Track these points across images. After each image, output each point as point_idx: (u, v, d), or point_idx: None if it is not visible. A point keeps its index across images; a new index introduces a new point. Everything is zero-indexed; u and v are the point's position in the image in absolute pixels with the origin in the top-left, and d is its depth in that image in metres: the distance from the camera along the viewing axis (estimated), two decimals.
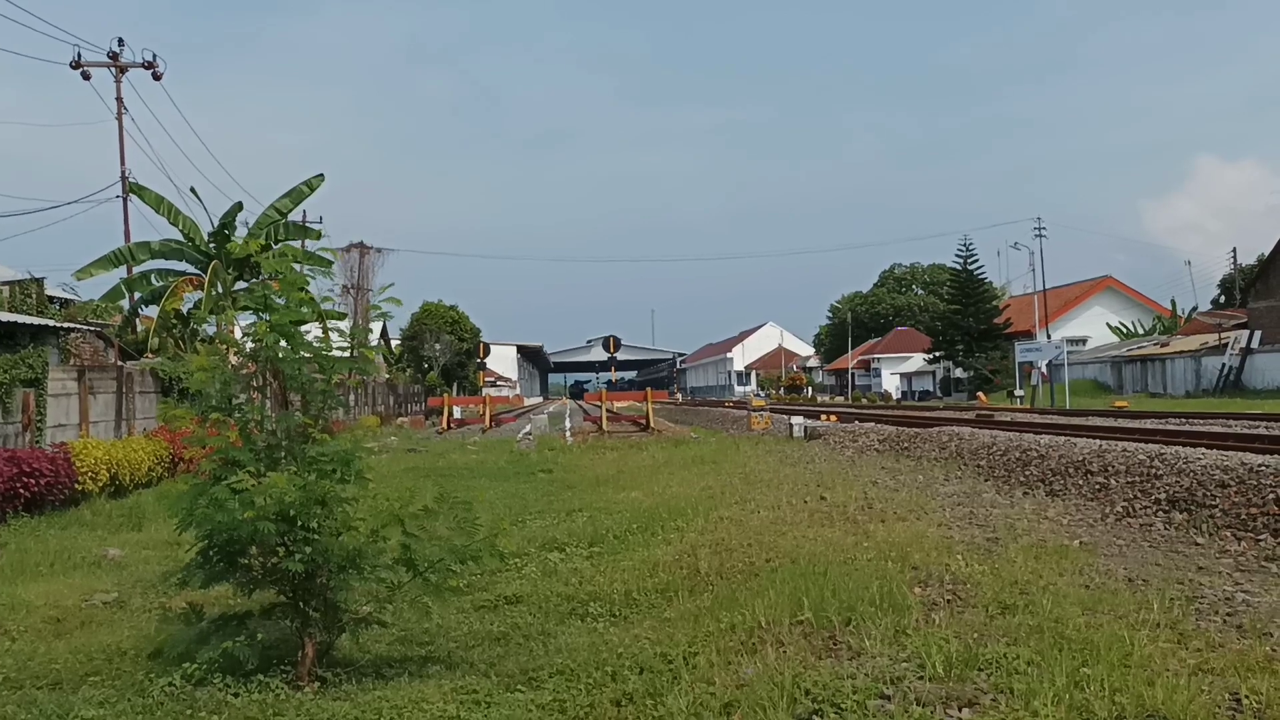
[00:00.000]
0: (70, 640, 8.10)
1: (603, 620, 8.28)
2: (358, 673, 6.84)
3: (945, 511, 12.08)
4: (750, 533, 10.89)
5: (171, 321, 28.68)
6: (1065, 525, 11.09)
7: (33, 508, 14.70)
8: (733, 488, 15.61)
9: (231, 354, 7.84)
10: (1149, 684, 5.05)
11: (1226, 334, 55.38)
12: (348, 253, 59.13)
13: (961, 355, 72.43)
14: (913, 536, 9.94)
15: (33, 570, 11.18)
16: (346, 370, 7.64)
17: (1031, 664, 5.51)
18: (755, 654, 6.38)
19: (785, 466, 19.07)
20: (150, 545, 12.69)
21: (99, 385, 20.27)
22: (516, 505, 15.56)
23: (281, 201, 32.18)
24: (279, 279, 7.28)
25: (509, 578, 10.13)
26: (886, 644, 6.16)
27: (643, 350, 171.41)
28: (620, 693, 6.07)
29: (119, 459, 17.46)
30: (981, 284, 73.95)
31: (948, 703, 5.01)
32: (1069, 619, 6.42)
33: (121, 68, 34.56)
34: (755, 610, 7.23)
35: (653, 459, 22.94)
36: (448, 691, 6.21)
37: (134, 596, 9.82)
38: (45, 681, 6.92)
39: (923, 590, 7.65)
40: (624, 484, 17.91)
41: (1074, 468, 14.21)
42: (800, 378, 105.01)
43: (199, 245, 30.47)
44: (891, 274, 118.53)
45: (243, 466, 6.65)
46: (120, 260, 30.69)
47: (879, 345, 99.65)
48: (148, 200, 31.24)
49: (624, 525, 12.62)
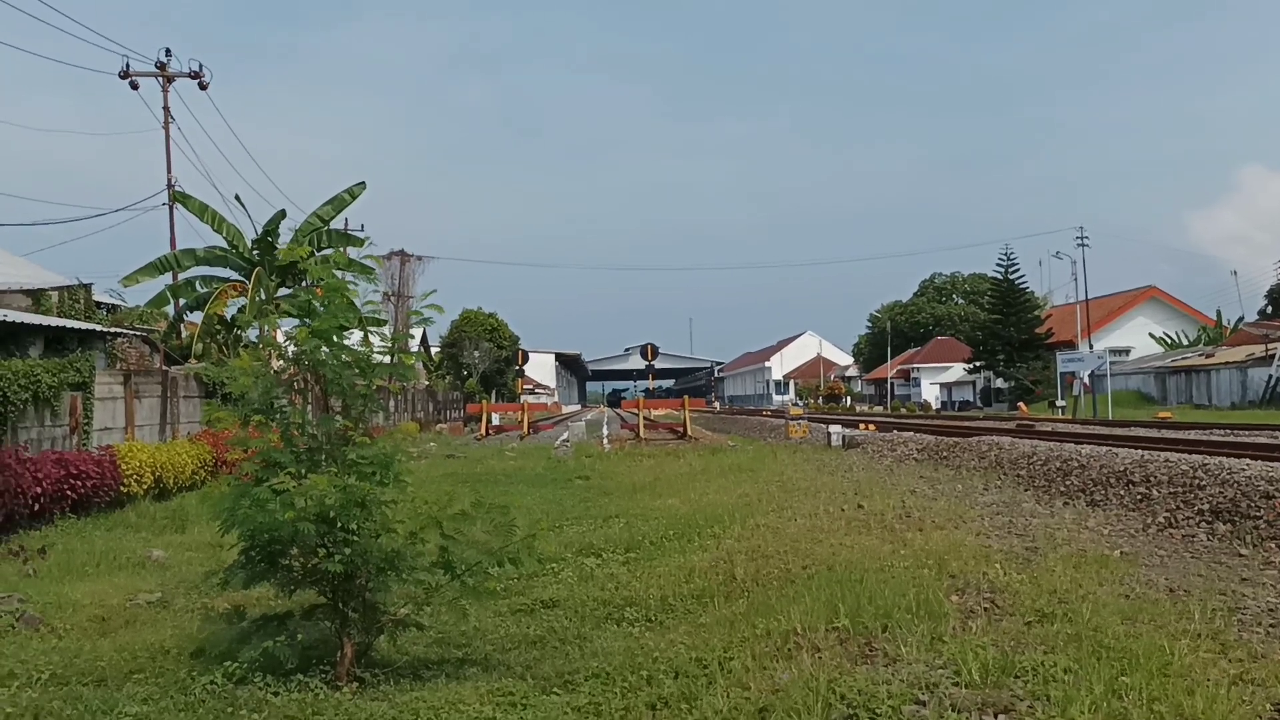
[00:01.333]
0: (115, 639, 8.24)
1: (639, 625, 8.31)
2: (395, 674, 6.91)
3: (984, 520, 11.99)
4: (787, 540, 10.87)
5: (216, 327, 29.08)
6: (1106, 535, 10.98)
7: (79, 509, 14.97)
8: (770, 495, 15.58)
9: (274, 358, 7.96)
10: (1189, 693, 5.01)
11: (1273, 345, 54.47)
12: (389, 260, 59.74)
13: (1002, 365, 71.82)
14: (951, 545, 9.88)
15: (79, 570, 11.38)
16: (386, 375, 7.73)
17: (1069, 672, 5.47)
18: (790, 659, 6.39)
19: (823, 475, 18.99)
20: (193, 547, 12.88)
21: (144, 389, 20.59)
22: (554, 511, 15.62)
23: (324, 209, 32.53)
24: (321, 285, 7.39)
25: (546, 582, 10.19)
26: (923, 650, 6.15)
27: (681, 359, 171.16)
28: (655, 696, 6.10)
29: (163, 462, 17.72)
30: (1023, 293, 73.34)
31: (983, 709, 4.99)
32: (1108, 628, 6.37)
33: (169, 77, 35.10)
34: (791, 616, 7.23)
35: (690, 466, 22.93)
36: (484, 693, 6.26)
37: (177, 597, 9.97)
38: (90, 678, 7.04)
39: (960, 598, 7.61)
40: (661, 491, 17.93)
41: (1115, 478, 14.06)
42: (839, 387, 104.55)
43: (243, 252, 30.87)
44: (931, 283, 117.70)
45: (284, 468, 6.75)
46: (166, 267, 31.16)
47: (918, 355, 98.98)
48: (192, 208, 31.71)
49: (660, 531, 12.64)
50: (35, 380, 15.14)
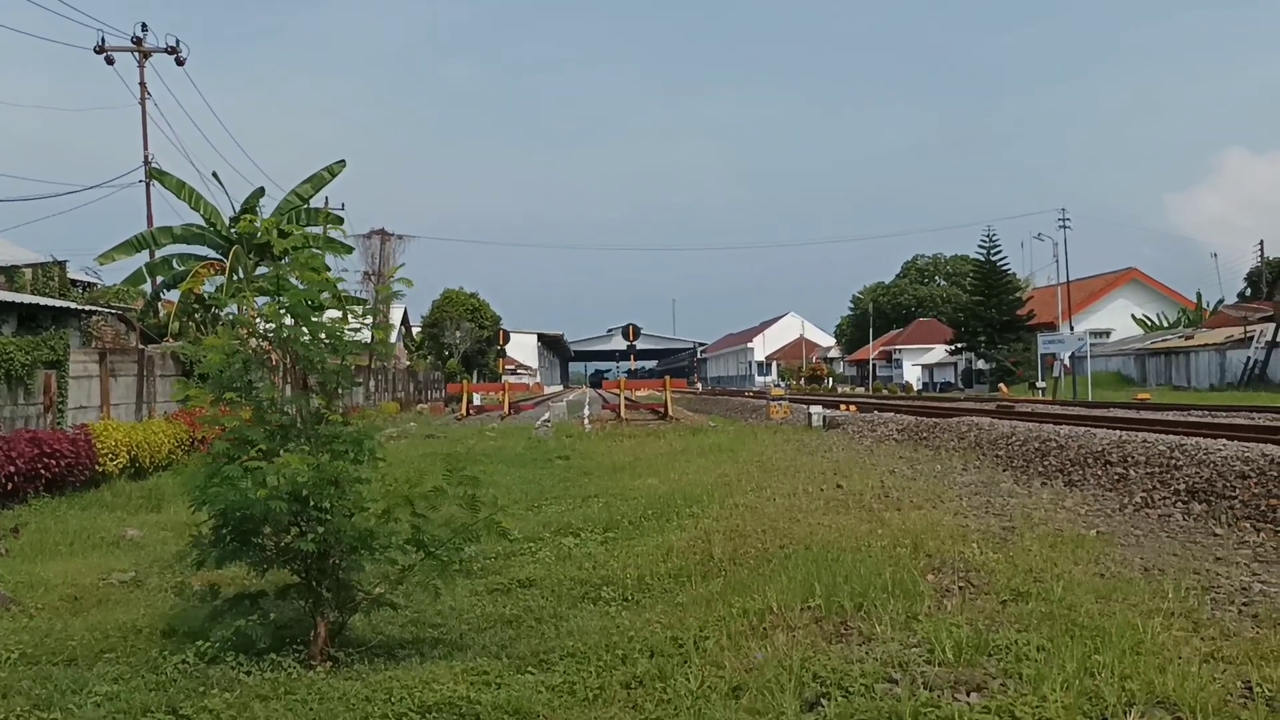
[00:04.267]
0: (87, 618, 8.16)
1: (615, 604, 8.29)
2: (370, 653, 6.87)
3: (962, 500, 12.02)
4: (765, 519, 10.87)
5: (193, 306, 28.85)
6: (1083, 515, 11.02)
7: (54, 488, 14.85)
8: (749, 475, 15.58)
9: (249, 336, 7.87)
10: (1160, 671, 5.02)
11: (1252, 327, 54.89)
12: (368, 239, 59.38)
13: (983, 347, 72.15)
14: (928, 525, 9.89)
15: (52, 549, 11.29)
16: (362, 352, 7.67)
17: (1042, 650, 5.47)
18: (766, 638, 6.38)
19: (802, 455, 19.01)
20: (168, 526, 12.78)
21: (120, 368, 20.42)
22: (533, 491, 15.59)
23: (303, 187, 32.29)
24: (294, 261, 7.31)
25: (523, 562, 10.16)
26: (897, 629, 6.15)
27: (663, 340, 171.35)
28: (630, 675, 6.08)
29: (139, 441, 17.59)
30: (1004, 275, 73.60)
31: (956, 687, 4.99)
32: (1082, 606, 6.38)
33: (145, 53, 34.74)
34: (767, 595, 7.22)
35: (670, 446, 22.93)
36: (459, 673, 6.22)
37: (151, 576, 9.90)
38: (61, 658, 6.98)
39: (936, 577, 7.62)
40: (640, 471, 17.91)
41: (1093, 458, 14.12)
42: (821, 368, 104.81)
43: (220, 230, 30.62)
44: (914, 265, 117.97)
45: (255, 446, 6.69)
46: (142, 245, 30.88)
47: (900, 336, 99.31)
48: (169, 185, 31.41)
49: (639, 511, 12.62)
50: (8, 358, 15.00)
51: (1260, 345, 52.22)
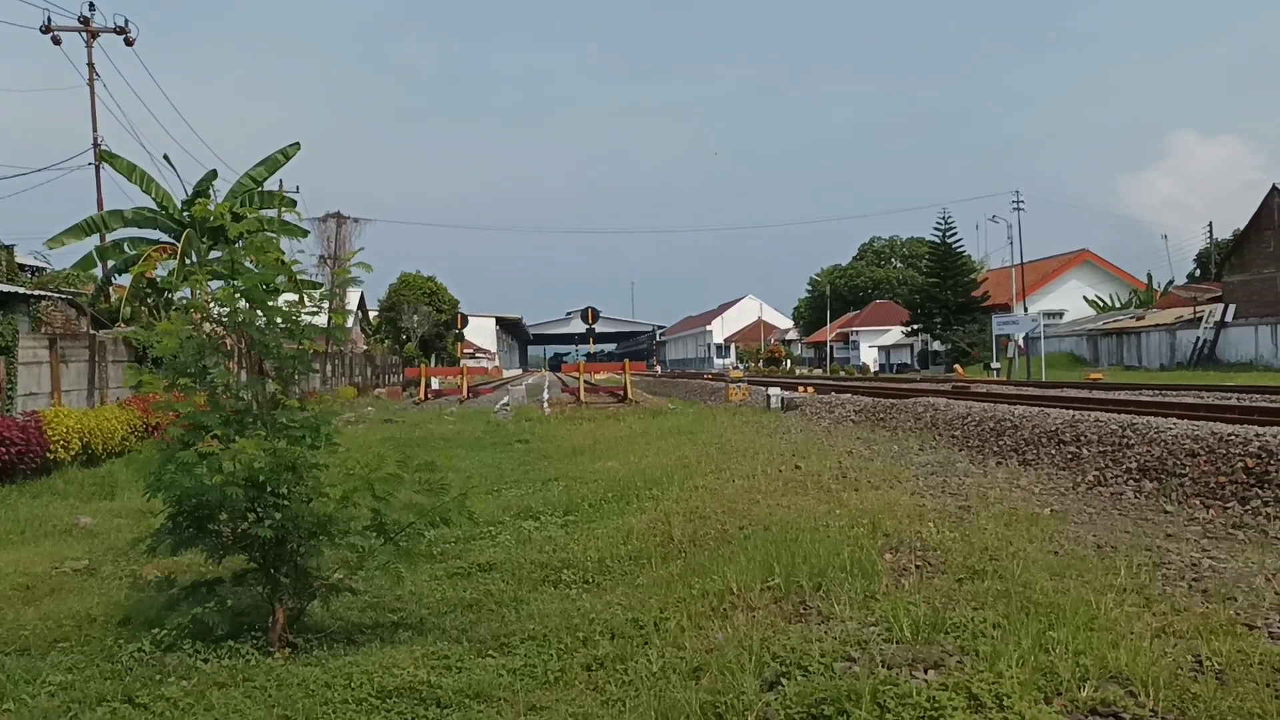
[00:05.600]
0: (39, 607, 8.05)
1: (575, 587, 8.29)
2: (329, 639, 6.84)
3: (919, 480, 12.14)
4: (724, 501, 10.92)
5: (145, 290, 28.44)
6: (1037, 494, 11.17)
7: (3, 476, 14.62)
8: (709, 457, 15.64)
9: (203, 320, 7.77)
10: (1113, 646, 5.10)
11: (1201, 307, 55.82)
12: (324, 223, 58.70)
13: (939, 328, 72.76)
14: (885, 505, 9.99)
15: (3, 538, 11.14)
16: (318, 336, 7.59)
17: (998, 627, 5.55)
18: (726, 619, 6.42)
19: (761, 437, 19.12)
20: (122, 513, 12.63)
21: (71, 354, 20.10)
22: (492, 475, 15.55)
23: (257, 170, 31.90)
24: (249, 245, 7.22)
25: (483, 546, 10.14)
26: (855, 609, 6.20)
27: (622, 323, 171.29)
28: (591, 657, 6.10)
29: (91, 428, 17.34)
30: (960, 257, 74.18)
31: (913, 664, 5.04)
32: (1037, 584, 6.47)
33: (93, 32, 34.10)
34: (727, 576, 7.27)
35: (630, 429, 22.95)
36: (419, 657, 6.21)
37: (105, 564, 9.78)
38: (13, 648, 6.88)
39: (893, 556, 7.70)
40: (600, 454, 17.92)
41: (1047, 437, 14.30)
42: (779, 350, 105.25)
43: (172, 213, 30.19)
44: (871, 247, 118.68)
45: (210, 432, 6.61)
46: (93, 229, 30.38)
47: (858, 318, 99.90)
48: (120, 168, 30.89)
49: (599, 494, 12.63)
50: None
51: (1209, 325, 53.12)
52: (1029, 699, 4.53)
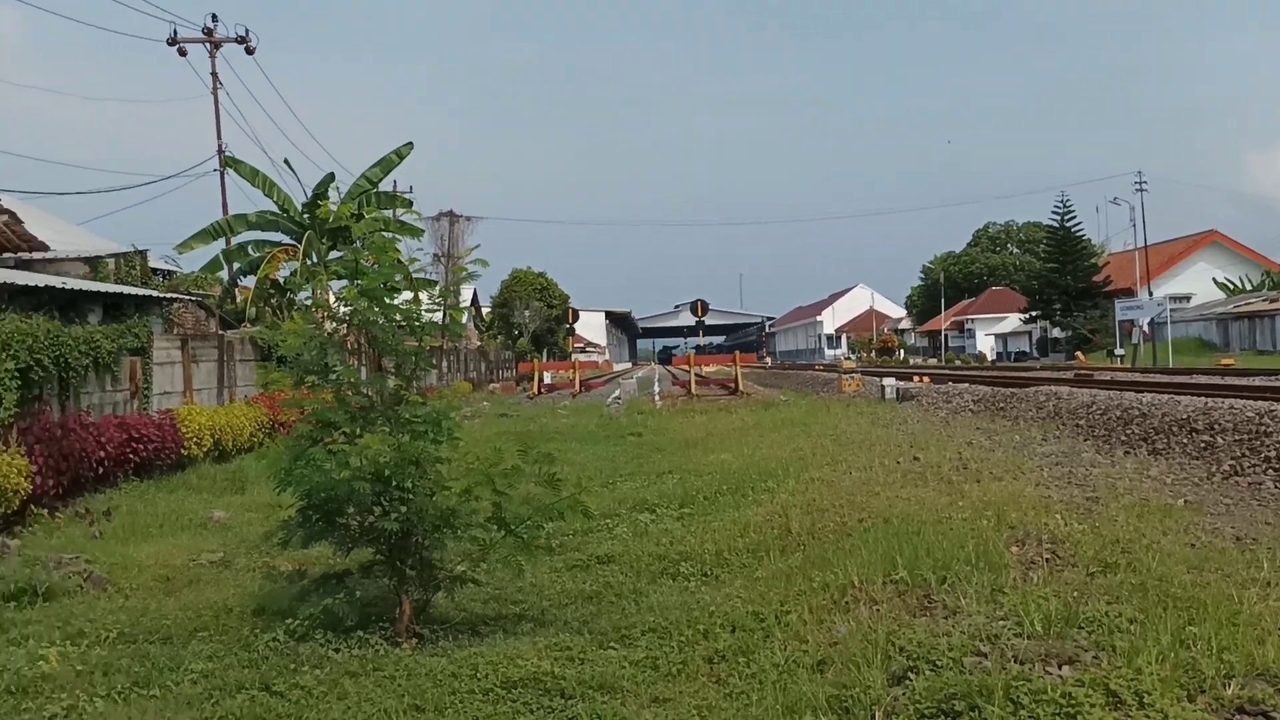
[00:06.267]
0: (179, 598, 8.38)
1: (694, 579, 8.29)
2: (454, 630, 6.97)
3: (1043, 471, 11.81)
4: (842, 493, 10.79)
5: (269, 291, 29.35)
6: (1169, 484, 10.77)
7: (142, 472, 15.24)
8: (823, 449, 15.48)
9: (326, 319, 7.98)
10: (1259, 642, 4.89)
11: None
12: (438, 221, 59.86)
13: (1059, 314, 70.82)
14: (1009, 496, 9.73)
15: (143, 531, 11.60)
16: (437, 334, 7.73)
17: (1134, 622, 5.36)
18: (848, 612, 6.34)
19: (877, 428, 18.84)
20: (252, 507, 13.07)
21: (201, 353, 20.86)
22: (607, 468, 15.63)
23: (372, 171, 32.61)
24: (368, 244, 7.39)
25: (600, 538, 10.20)
26: (983, 602, 6.06)
27: (731, 315, 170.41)
28: (712, 650, 6.09)
29: (221, 425, 17.98)
30: (1079, 241, 72.07)
31: (1046, 660, 4.91)
32: (1174, 577, 6.23)
33: (216, 43, 35.24)
34: (848, 569, 7.18)
35: (742, 422, 22.86)
36: (541, 648, 6.28)
37: (238, 556, 10.12)
38: (157, 636, 7.17)
39: (1020, 549, 7.50)
40: (713, 446, 17.88)
41: (1178, 426, 13.79)
42: (891, 340, 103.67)
43: (293, 216, 31.07)
44: (985, 233, 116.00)
45: (337, 428, 6.79)
46: (219, 233, 31.47)
47: (973, 306, 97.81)
48: (243, 173, 31.91)
49: (714, 487, 12.60)
50: (95, 346, 15.36)
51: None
52: (1170, 696, 4.37)
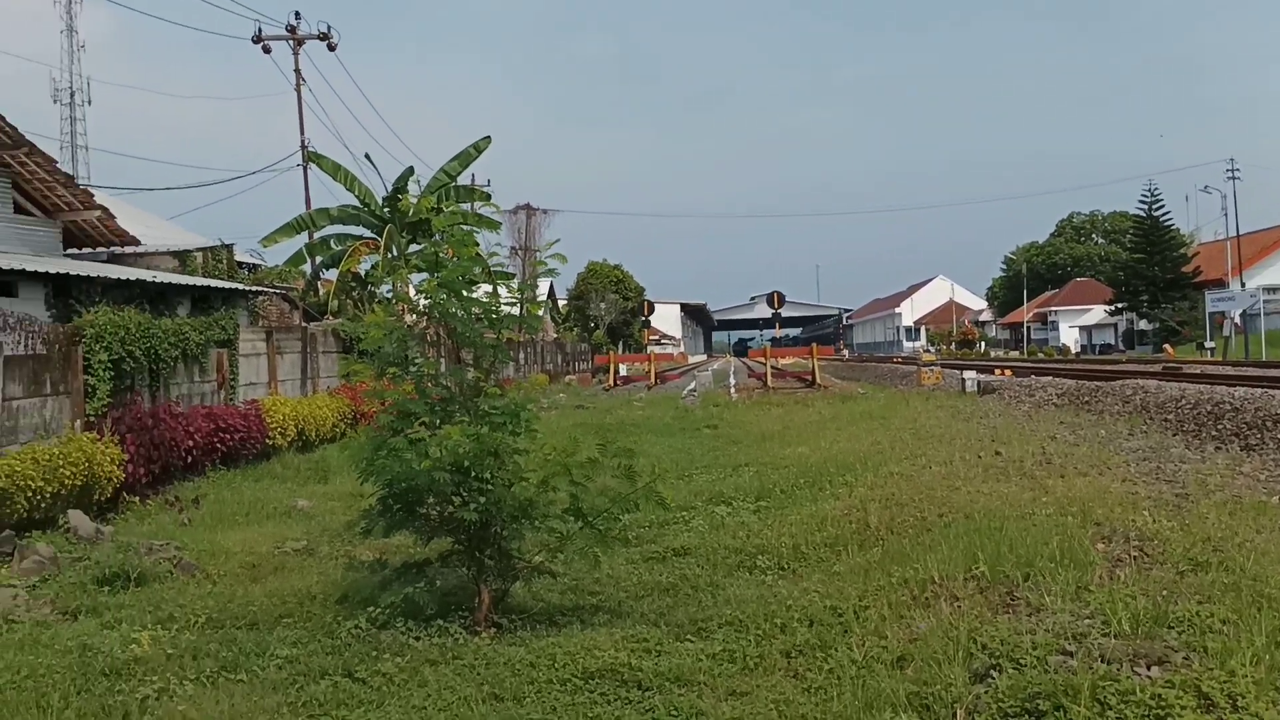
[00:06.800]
0: (265, 585, 8.56)
1: (771, 573, 8.26)
2: (531, 620, 7.02)
3: (1129, 467, 11.53)
4: (921, 488, 10.64)
5: (350, 284, 29.83)
6: (1263, 480, 10.43)
7: (228, 461, 15.62)
8: (902, 443, 15.29)
9: (406, 312, 8.09)
10: None
11: None
12: (515, 214, 60.31)
13: (1146, 306, 69.15)
14: (1094, 492, 9.51)
15: (230, 519, 11.88)
16: (515, 326, 7.79)
17: (1227, 623, 5.20)
18: (928, 608, 6.26)
19: (957, 422, 18.55)
20: (335, 497, 13.31)
21: (285, 345, 21.28)
22: (683, 460, 15.63)
23: (450, 165, 32.93)
24: (448, 238, 7.47)
25: (677, 530, 10.21)
26: (1068, 600, 5.93)
27: (807, 307, 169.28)
28: (790, 644, 6.06)
29: (305, 415, 18.35)
30: (1167, 231, 70.28)
31: (1135, 660, 4.78)
32: (1269, 577, 6.03)
33: (299, 40, 35.84)
34: (928, 565, 7.08)
35: (819, 415, 22.68)
36: (618, 640, 6.31)
37: (321, 544, 10.32)
38: (243, 622, 7.34)
39: (1106, 546, 7.33)
40: (790, 439, 17.78)
41: (1273, 421, 13.35)
42: (972, 332, 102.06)
43: (374, 210, 31.50)
44: (1070, 223, 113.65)
45: (418, 419, 6.88)
46: (302, 226, 32.03)
47: (1056, 297, 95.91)
48: (325, 168, 32.43)
49: (791, 480, 12.53)
50: (184, 338, 15.76)
51: None
52: (1266, 699, 4.24)
